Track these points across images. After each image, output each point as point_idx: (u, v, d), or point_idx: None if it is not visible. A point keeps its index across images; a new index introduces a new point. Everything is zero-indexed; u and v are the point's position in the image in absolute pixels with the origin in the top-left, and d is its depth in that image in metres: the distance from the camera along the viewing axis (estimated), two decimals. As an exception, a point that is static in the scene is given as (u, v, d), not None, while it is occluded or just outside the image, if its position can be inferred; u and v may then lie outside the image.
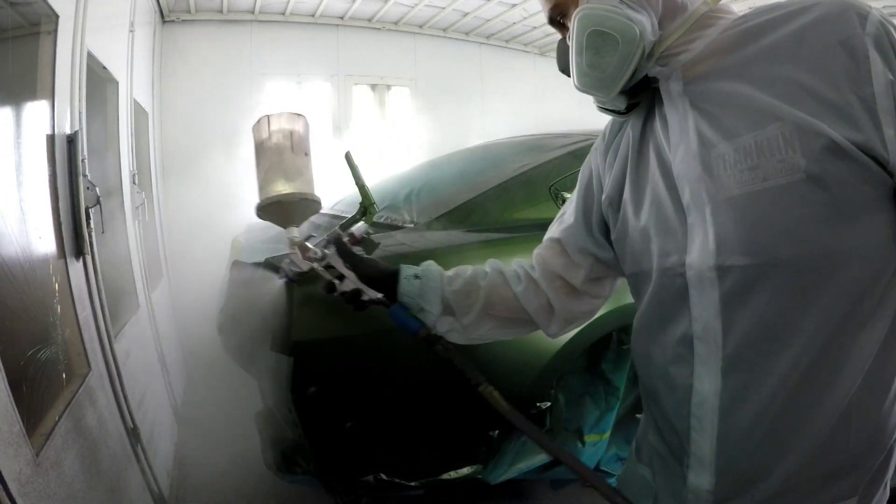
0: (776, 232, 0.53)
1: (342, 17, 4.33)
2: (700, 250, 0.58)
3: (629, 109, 0.68)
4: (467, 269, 0.81)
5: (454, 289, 0.79)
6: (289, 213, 0.81)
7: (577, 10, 0.61)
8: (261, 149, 0.81)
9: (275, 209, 0.80)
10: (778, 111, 0.52)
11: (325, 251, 0.82)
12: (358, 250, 0.84)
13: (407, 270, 0.81)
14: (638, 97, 0.66)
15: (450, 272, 0.82)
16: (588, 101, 0.72)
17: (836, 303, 0.52)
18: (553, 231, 0.83)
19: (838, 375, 0.54)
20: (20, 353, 1.04)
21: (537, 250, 0.84)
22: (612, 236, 0.74)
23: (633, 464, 0.77)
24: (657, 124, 0.65)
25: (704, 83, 0.60)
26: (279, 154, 0.80)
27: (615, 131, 0.76)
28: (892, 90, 0.48)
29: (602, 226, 0.76)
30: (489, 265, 0.83)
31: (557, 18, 0.69)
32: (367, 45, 4.49)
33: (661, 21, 0.60)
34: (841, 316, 0.53)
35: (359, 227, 0.87)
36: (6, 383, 0.87)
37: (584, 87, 0.64)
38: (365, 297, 0.81)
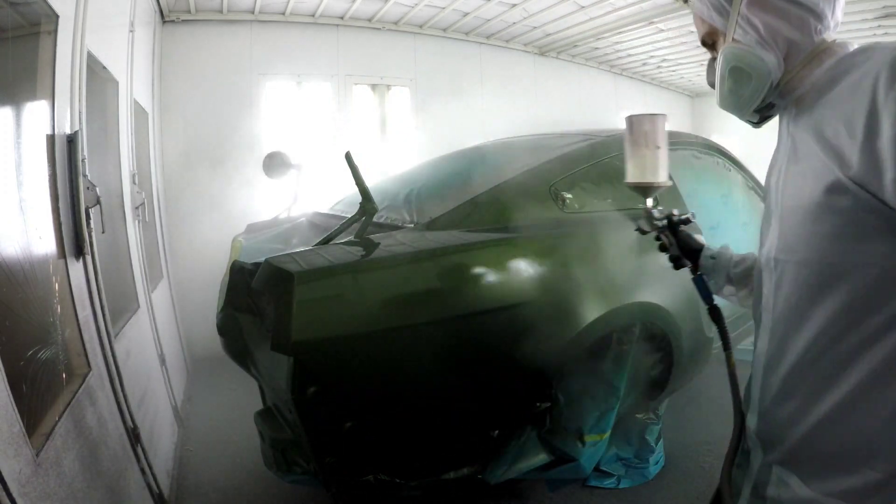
0: (798, 240, 0.70)
1: (342, 17, 4.33)
2: (769, 245, 0.77)
3: (762, 121, 0.84)
4: (750, 258, 1.00)
5: (737, 271, 0.99)
6: (642, 190, 1.07)
7: (724, 46, 0.77)
8: (627, 142, 1.08)
9: (633, 187, 1.08)
10: (814, 153, 0.67)
11: (663, 222, 1.09)
12: (683, 227, 1.09)
13: (707, 251, 1.04)
14: (770, 113, 0.82)
15: (738, 257, 1.02)
16: (586, 101, 0.75)
17: (838, 303, 0.66)
18: None
19: (844, 366, 0.66)
20: (20, 353, 1.04)
21: None
22: None
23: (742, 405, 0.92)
24: (779, 141, 0.81)
25: (801, 117, 0.73)
26: (637, 149, 1.07)
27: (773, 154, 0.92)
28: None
29: None
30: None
31: (710, 42, 0.83)
32: (367, 45, 4.49)
33: (785, 58, 0.74)
34: (842, 315, 0.65)
35: (684, 213, 1.10)
36: (6, 383, 0.87)
37: (724, 107, 0.81)
38: (682, 263, 1.07)
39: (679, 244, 1.08)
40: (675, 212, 1.11)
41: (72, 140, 1.37)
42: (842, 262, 0.65)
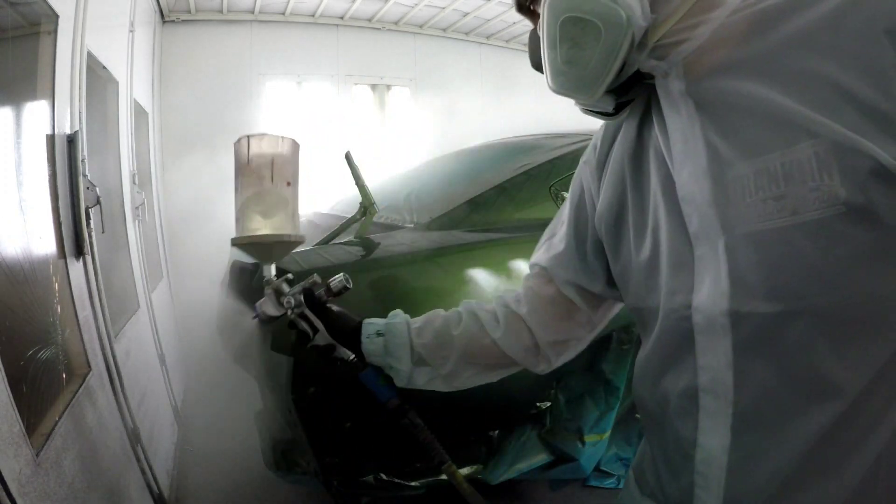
0: (807, 275, 0.43)
1: (342, 17, 4.33)
2: (710, 292, 0.48)
3: (619, 109, 0.56)
4: (437, 318, 0.75)
5: (424, 342, 0.74)
6: (265, 251, 0.75)
7: None
8: (239, 174, 0.75)
9: (250, 247, 0.75)
10: (811, 124, 0.41)
11: (300, 298, 0.77)
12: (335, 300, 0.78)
13: (369, 328, 0.76)
14: (629, 94, 0.55)
15: (418, 321, 0.75)
16: None
17: (875, 355, 0.44)
18: (541, 257, 0.74)
19: (871, 433, 0.45)
20: (20, 353, 1.04)
21: (525, 279, 0.76)
22: (611, 265, 0.64)
23: (636, 494, 0.66)
24: (655, 131, 0.54)
25: (713, 81, 0.49)
26: (258, 184, 0.73)
27: (608, 141, 0.64)
28: None
29: (597, 250, 0.66)
30: (464, 308, 0.76)
31: (527, 4, 0.58)
32: (367, 45, 4.49)
33: (653, 2, 0.47)
34: (879, 369, 0.44)
35: (338, 280, 0.80)
36: (6, 383, 0.87)
37: (561, 88, 0.53)
38: (337, 355, 0.77)
39: (331, 328, 0.77)
40: (317, 278, 0.80)
41: (72, 140, 1.37)
42: (881, 298, 0.42)
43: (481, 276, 1.50)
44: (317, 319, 0.77)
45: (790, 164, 0.43)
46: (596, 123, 0.64)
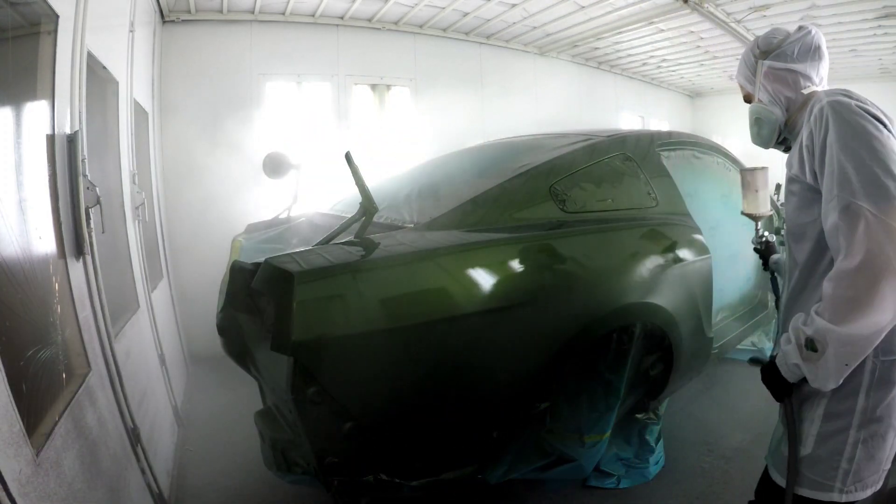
0: (787, 214, 1.14)
1: (342, 17, 4.33)
2: (787, 227, 1.17)
3: (787, 150, 1.22)
4: None
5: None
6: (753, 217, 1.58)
7: (750, 105, 1.23)
8: (742, 185, 1.60)
9: (748, 216, 1.59)
10: (798, 165, 1.08)
11: (762, 240, 1.62)
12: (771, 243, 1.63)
13: (774, 256, 1.60)
14: (788, 144, 1.22)
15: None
16: (587, 102, 0.73)
17: (807, 249, 1.08)
18: None
19: (813, 291, 1.06)
20: (20, 353, 1.04)
21: None
22: None
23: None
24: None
25: (798, 143, 1.12)
26: (750, 192, 1.58)
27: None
28: (822, 149, 1.01)
29: None
30: None
31: (749, 100, 1.26)
32: (367, 45, 4.49)
33: (787, 109, 1.18)
34: (810, 257, 1.08)
35: (769, 236, 1.61)
36: (6, 383, 0.87)
37: (756, 143, 1.26)
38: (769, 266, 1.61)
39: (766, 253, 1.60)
40: (769, 237, 1.61)
41: (72, 140, 1.37)
42: (804, 224, 1.08)
43: (481, 276, 1.50)
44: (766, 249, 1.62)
45: (793, 175, 1.11)
46: (593, 124, 0.74)
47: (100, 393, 1.38)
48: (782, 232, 1.39)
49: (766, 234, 1.60)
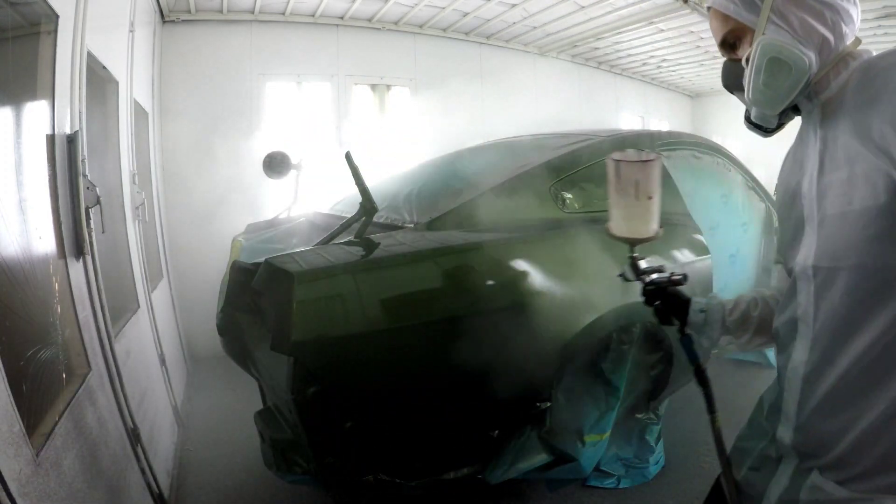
0: (844, 245, 0.68)
1: (342, 17, 4.33)
2: (805, 253, 0.74)
3: (775, 130, 0.82)
4: (742, 301, 0.98)
5: (733, 318, 0.97)
6: (628, 243, 1.02)
7: (761, 38, 0.74)
8: (612, 187, 0.99)
9: (617, 240, 1.03)
10: (862, 156, 0.66)
11: (652, 277, 1.03)
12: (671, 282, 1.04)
13: (696, 305, 1.00)
14: (786, 120, 0.81)
15: (730, 303, 0.99)
16: (587, 102, 0.74)
17: (890, 307, 0.65)
18: (777, 256, 0.98)
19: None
20: (20, 353, 1.04)
21: (778, 283, 0.97)
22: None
23: (756, 410, 0.95)
24: (799, 149, 0.80)
25: (832, 121, 0.73)
26: (624, 199, 0.98)
27: (788, 156, 0.88)
28: None
29: None
30: (756, 294, 0.99)
31: (730, 41, 0.81)
32: (367, 45, 4.49)
33: (820, 57, 0.73)
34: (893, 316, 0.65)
35: (679, 275, 1.03)
36: (6, 383, 0.87)
37: (756, 100, 0.77)
38: (670, 321, 1.02)
39: (666, 301, 1.02)
40: (664, 273, 1.03)
41: (72, 140, 1.37)
42: (893, 266, 0.64)
43: (481, 277, 1.50)
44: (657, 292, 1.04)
45: (852, 175, 0.67)
46: (593, 124, 0.72)
47: (100, 393, 1.38)
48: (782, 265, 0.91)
49: (660, 273, 1.02)
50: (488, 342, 1.45)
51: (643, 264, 1.04)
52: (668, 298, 1.02)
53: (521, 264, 1.56)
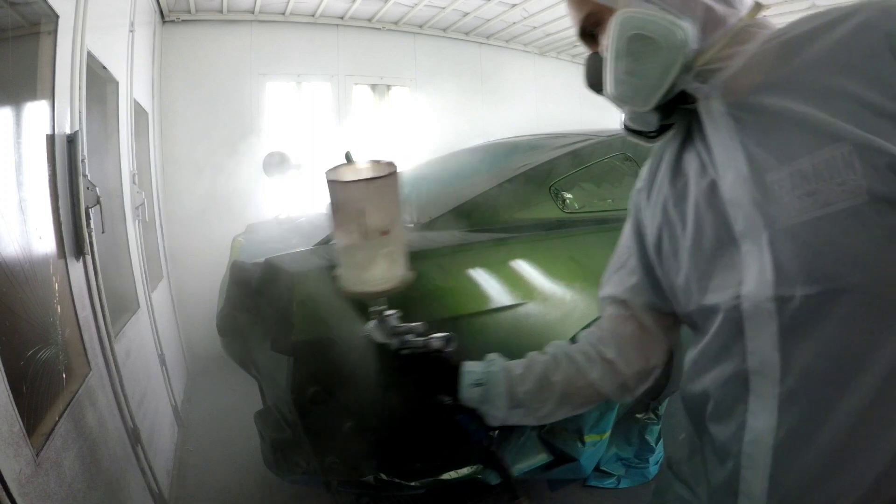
0: (842, 258, 0.49)
1: (342, 17, 4.33)
2: (757, 281, 0.54)
3: (660, 132, 0.65)
4: (537, 364, 0.78)
5: (526, 388, 0.76)
6: (368, 298, 0.74)
7: (619, 12, 0.58)
8: (332, 221, 0.70)
9: (354, 297, 0.74)
10: (834, 129, 0.49)
11: (406, 339, 0.82)
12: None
13: (468, 377, 0.78)
14: (671, 118, 0.63)
15: (518, 368, 0.77)
16: (588, 102, 0.70)
17: None
18: (616, 289, 0.76)
19: None
20: (20, 353, 1.04)
21: (604, 321, 0.78)
22: (663, 281, 0.68)
23: (671, 479, 0.74)
24: (697, 148, 0.61)
25: (748, 100, 0.57)
26: (348, 238, 0.67)
27: (654, 168, 0.71)
28: None
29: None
30: (556, 351, 0.79)
31: (589, 30, 0.65)
32: (367, 45, 4.49)
33: (700, 33, 0.57)
34: None
35: (440, 339, 0.81)
36: (6, 383, 0.87)
37: (620, 95, 0.61)
38: (439, 399, 0.80)
39: (430, 369, 0.81)
40: (421, 334, 0.82)
41: (72, 140, 1.37)
42: None
43: (481, 276, 1.50)
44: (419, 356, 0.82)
45: (819, 165, 0.50)
46: (593, 124, 0.69)
47: (100, 393, 1.38)
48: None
49: (418, 335, 0.81)
50: (488, 342, 1.45)
51: (394, 321, 0.80)
52: (429, 368, 0.80)
53: (521, 264, 1.56)
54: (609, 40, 0.59)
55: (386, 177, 0.68)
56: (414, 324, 0.81)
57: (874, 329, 0.49)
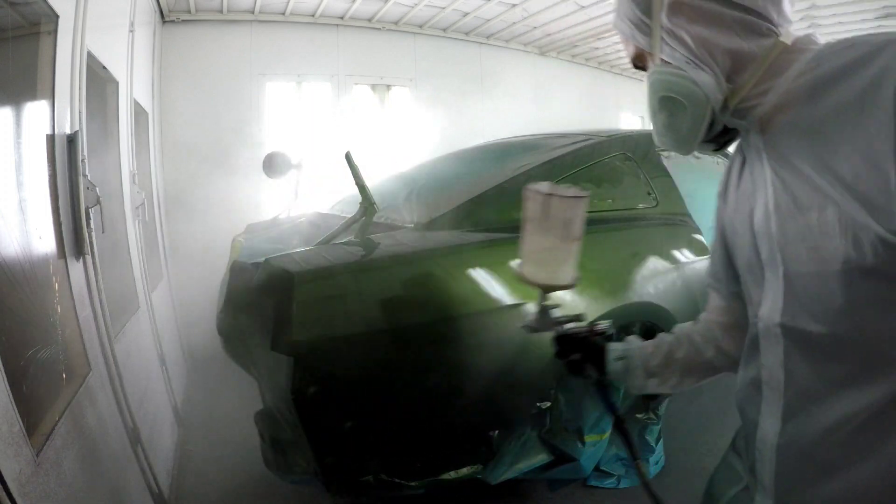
0: (836, 312, 0.54)
1: (342, 17, 4.33)
2: (770, 306, 0.61)
3: (722, 147, 0.70)
4: (665, 342, 0.89)
5: (656, 363, 0.88)
6: (542, 289, 0.92)
7: (649, 73, 0.65)
8: (533, 225, 0.87)
9: (528, 285, 0.93)
10: (836, 196, 0.52)
11: (565, 325, 0.95)
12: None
13: (613, 353, 0.91)
14: (725, 137, 0.68)
15: (650, 346, 0.90)
16: (586, 101, 0.72)
17: (888, 382, 0.52)
18: (709, 278, 0.87)
19: (890, 439, 0.53)
20: (20, 353, 1.04)
21: (710, 303, 0.88)
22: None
23: (729, 451, 0.84)
24: (745, 168, 0.67)
25: (781, 137, 0.59)
26: (548, 241, 0.86)
27: (727, 174, 0.75)
28: None
29: None
30: (680, 332, 0.90)
31: (640, 65, 0.72)
32: (367, 45, 4.49)
33: (730, 74, 0.61)
34: (890, 393, 0.52)
35: (603, 325, 0.97)
36: (6, 383, 0.87)
37: (663, 146, 0.69)
38: (586, 372, 0.94)
39: (581, 348, 0.94)
40: (581, 323, 0.95)
41: (72, 140, 1.37)
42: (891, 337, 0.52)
43: (481, 276, 1.50)
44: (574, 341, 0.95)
45: (823, 224, 0.53)
46: (593, 124, 0.70)
47: (100, 393, 1.38)
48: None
49: (578, 323, 0.96)
50: (488, 342, 1.45)
51: (556, 312, 0.93)
52: (584, 349, 0.93)
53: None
54: (648, 90, 0.67)
55: (586, 198, 0.86)
56: (573, 314, 0.96)
57: (865, 370, 0.54)
